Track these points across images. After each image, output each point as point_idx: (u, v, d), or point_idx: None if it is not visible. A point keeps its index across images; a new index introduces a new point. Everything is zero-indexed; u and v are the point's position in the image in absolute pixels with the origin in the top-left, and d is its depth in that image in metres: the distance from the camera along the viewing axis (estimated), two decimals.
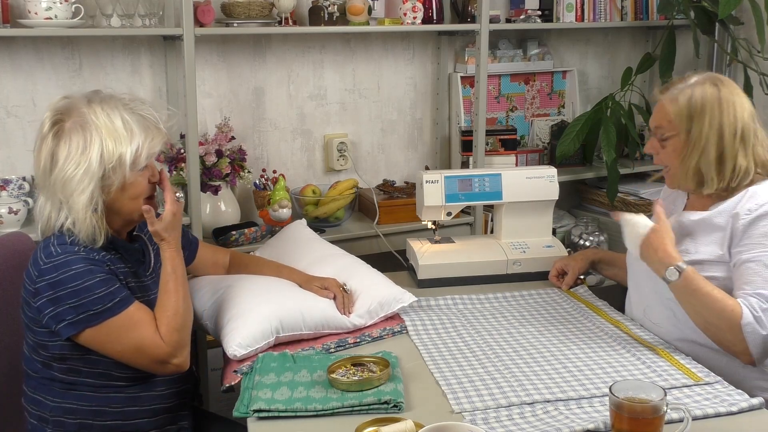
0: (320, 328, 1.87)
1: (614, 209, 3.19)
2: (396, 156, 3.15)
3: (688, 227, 1.85)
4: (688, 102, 1.80)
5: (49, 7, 2.27)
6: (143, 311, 1.65)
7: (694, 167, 1.81)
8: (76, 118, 1.63)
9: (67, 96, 1.70)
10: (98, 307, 1.58)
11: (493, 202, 2.35)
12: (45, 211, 1.66)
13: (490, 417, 1.49)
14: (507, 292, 2.17)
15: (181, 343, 1.66)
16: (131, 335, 1.61)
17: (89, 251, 1.63)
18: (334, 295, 1.93)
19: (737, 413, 1.51)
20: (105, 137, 1.61)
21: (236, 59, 2.80)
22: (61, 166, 1.61)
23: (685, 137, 1.81)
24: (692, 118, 1.80)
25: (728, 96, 1.81)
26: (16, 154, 2.52)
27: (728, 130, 1.79)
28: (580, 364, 1.71)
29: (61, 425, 1.68)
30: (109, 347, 1.62)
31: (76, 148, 1.61)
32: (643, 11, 3.34)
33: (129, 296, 1.64)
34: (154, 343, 1.62)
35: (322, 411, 1.51)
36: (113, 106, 1.65)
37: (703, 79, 1.84)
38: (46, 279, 1.59)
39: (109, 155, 1.61)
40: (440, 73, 3.15)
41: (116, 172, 1.62)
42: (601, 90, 3.47)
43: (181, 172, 2.57)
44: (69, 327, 1.58)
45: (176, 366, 1.66)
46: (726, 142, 1.79)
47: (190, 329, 1.71)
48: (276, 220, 2.61)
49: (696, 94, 1.81)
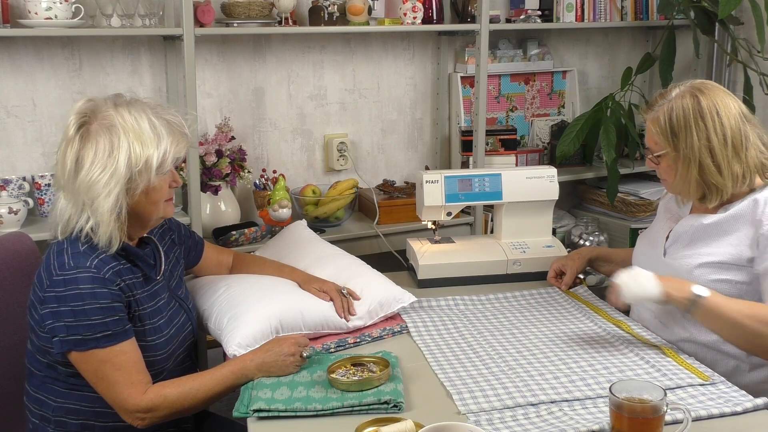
0: (320, 328, 1.87)
1: (614, 209, 3.20)
2: (396, 156, 3.15)
3: (701, 230, 1.84)
4: (669, 120, 1.79)
5: (49, 7, 2.27)
6: (131, 354, 1.60)
7: (695, 180, 1.79)
8: (102, 121, 1.61)
9: (92, 98, 1.68)
10: (88, 334, 1.56)
11: (493, 202, 2.35)
12: (66, 213, 1.64)
13: (495, 418, 1.49)
14: (507, 292, 2.17)
15: (159, 414, 1.61)
16: (109, 372, 1.58)
17: (101, 264, 1.60)
18: (330, 298, 1.93)
19: (742, 413, 1.50)
20: (132, 140, 1.60)
21: (236, 59, 2.79)
22: (88, 169, 1.59)
23: (674, 154, 1.80)
24: (676, 134, 1.78)
25: (710, 105, 1.77)
26: (16, 154, 2.52)
27: (716, 141, 1.76)
28: (583, 364, 1.71)
29: (63, 425, 1.68)
30: (87, 375, 1.61)
31: (103, 151, 1.59)
32: (643, 11, 3.34)
33: (123, 332, 1.60)
34: (130, 391, 1.58)
35: (322, 411, 1.51)
36: (140, 109, 1.64)
37: (683, 91, 1.81)
38: (54, 291, 1.58)
39: (137, 159, 1.59)
40: (440, 73, 3.14)
41: (142, 175, 1.61)
42: (601, 90, 3.47)
43: (181, 172, 2.57)
44: (58, 344, 1.58)
45: (137, 420, 1.60)
46: (717, 152, 1.76)
47: (178, 414, 1.65)
48: (276, 220, 2.61)
49: (675, 109, 1.79)
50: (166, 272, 1.82)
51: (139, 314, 1.67)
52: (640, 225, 3.12)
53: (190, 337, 1.84)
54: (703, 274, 1.79)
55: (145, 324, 1.68)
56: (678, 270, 1.83)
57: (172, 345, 1.75)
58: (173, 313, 1.79)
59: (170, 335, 1.74)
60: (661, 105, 1.82)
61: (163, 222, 1.89)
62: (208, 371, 1.68)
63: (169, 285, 1.83)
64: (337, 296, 1.93)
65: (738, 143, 1.77)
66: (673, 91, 1.84)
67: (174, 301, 1.82)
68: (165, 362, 1.72)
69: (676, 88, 1.84)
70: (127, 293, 1.64)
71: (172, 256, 1.88)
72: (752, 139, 1.79)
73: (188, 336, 1.83)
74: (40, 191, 2.49)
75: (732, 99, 1.81)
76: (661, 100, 1.84)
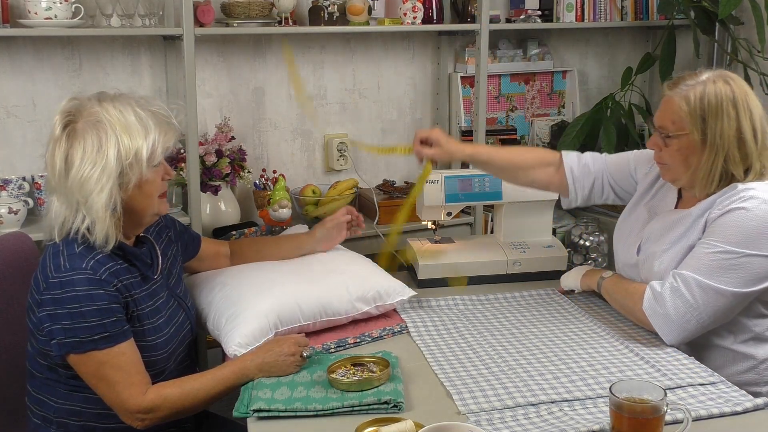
0: (318, 317, 1.87)
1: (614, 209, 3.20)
2: (396, 156, 3.15)
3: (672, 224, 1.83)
4: (700, 101, 1.71)
5: (49, 7, 2.27)
6: (130, 355, 1.60)
7: (720, 168, 1.74)
8: (88, 118, 1.61)
9: (75, 97, 1.67)
10: (86, 336, 1.56)
11: (493, 202, 2.35)
12: (60, 215, 1.62)
13: (495, 418, 1.49)
14: (507, 292, 2.16)
15: (159, 415, 1.60)
16: (108, 374, 1.58)
17: (97, 266, 1.60)
18: (349, 217, 2.15)
19: (742, 413, 1.50)
20: (120, 133, 1.59)
21: (236, 59, 2.79)
22: (78, 166, 1.58)
23: (698, 139, 1.73)
24: (705, 119, 1.71)
25: (742, 96, 1.73)
26: (16, 154, 2.52)
27: (747, 132, 1.72)
28: (584, 364, 1.71)
29: (65, 427, 1.68)
30: (86, 376, 1.61)
31: (92, 147, 1.58)
32: (643, 11, 3.34)
33: (122, 333, 1.60)
34: (130, 392, 1.58)
35: (322, 411, 1.51)
36: (125, 103, 1.64)
37: (715, 76, 1.74)
38: (50, 293, 1.57)
39: (126, 151, 1.59)
40: (440, 73, 3.14)
41: (133, 168, 1.60)
42: (601, 90, 3.47)
43: (181, 172, 2.57)
44: (57, 346, 1.58)
45: (137, 421, 1.60)
46: (747, 143, 1.72)
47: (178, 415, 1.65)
48: (276, 220, 2.61)
49: (709, 92, 1.71)
50: (164, 270, 1.81)
51: (137, 314, 1.67)
52: None
53: (189, 336, 1.84)
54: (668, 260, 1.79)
55: (144, 324, 1.68)
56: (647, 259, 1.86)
57: (173, 344, 1.75)
58: (172, 312, 1.79)
59: (170, 334, 1.74)
60: (692, 85, 1.73)
61: (159, 219, 1.88)
62: (208, 371, 1.68)
63: (168, 283, 1.82)
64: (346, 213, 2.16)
65: (764, 138, 1.74)
66: (704, 74, 1.76)
67: (173, 300, 1.82)
68: (166, 362, 1.72)
69: (706, 72, 1.76)
70: (124, 294, 1.63)
71: (170, 254, 1.88)
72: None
73: (187, 334, 1.83)
74: (40, 191, 2.49)
75: (756, 97, 1.77)
76: (690, 79, 1.75)
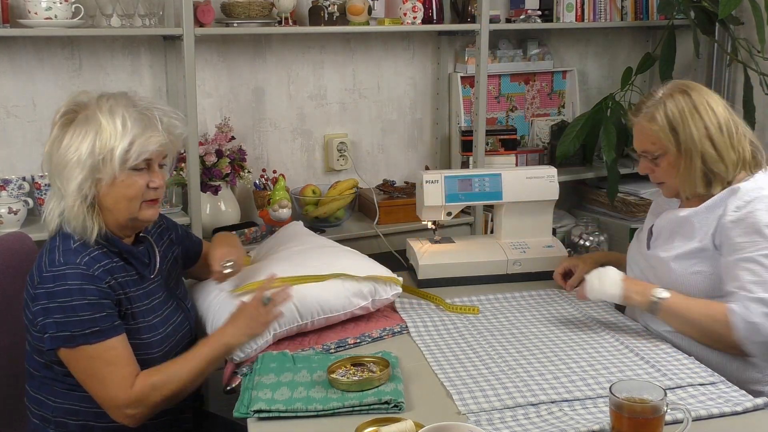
0: (315, 315, 1.86)
1: (614, 209, 3.20)
2: (396, 156, 3.15)
3: (678, 224, 1.86)
4: (665, 116, 1.82)
5: (49, 7, 2.27)
6: (120, 350, 1.61)
7: (701, 171, 1.81)
8: (86, 112, 1.65)
9: (86, 92, 1.72)
10: (77, 330, 1.57)
11: (493, 202, 2.35)
12: (50, 202, 1.68)
13: (495, 418, 1.49)
14: (507, 292, 2.16)
15: (149, 404, 1.61)
16: (98, 369, 1.59)
17: (92, 262, 1.61)
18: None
19: (742, 413, 1.50)
20: (101, 129, 1.62)
21: (236, 59, 2.79)
22: (60, 153, 1.63)
23: (675, 150, 1.82)
24: (675, 129, 1.81)
25: (700, 99, 1.83)
26: (16, 154, 2.52)
27: (714, 129, 1.80)
28: (584, 364, 1.71)
29: (63, 426, 1.68)
30: (76, 372, 1.61)
31: (76, 137, 1.63)
32: (643, 11, 3.34)
33: (113, 328, 1.60)
34: (119, 386, 1.59)
35: (323, 411, 1.51)
36: (119, 103, 1.66)
37: (670, 90, 1.86)
38: (44, 287, 1.59)
39: (101, 147, 1.62)
40: (440, 73, 3.14)
41: (106, 165, 1.62)
42: (601, 90, 3.47)
43: (181, 172, 2.57)
44: (48, 340, 1.59)
45: (127, 417, 1.60)
46: (716, 140, 1.80)
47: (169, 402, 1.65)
48: (276, 220, 2.61)
49: (669, 106, 1.82)
50: (163, 271, 1.81)
51: (132, 312, 1.67)
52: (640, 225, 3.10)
53: (188, 336, 1.84)
54: (680, 267, 1.83)
55: (138, 322, 1.68)
56: (658, 264, 1.87)
57: (168, 343, 1.75)
58: (170, 313, 1.79)
59: (166, 334, 1.74)
60: (652, 106, 1.85)
61: (161, 221, 1.88)
62: (188, 352, 1.70)
63: (167, 284, 1.82)
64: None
65: (731, 130, 1.82)
66: (658, 92, 1.87)
67: (172, 301, 1.82)
68: (161, 360, 1.72)
69: (661, 90, 1.88)
70: (117, 291, 1.64)
71: (170, 255, 1.88)
72: (740, 129, 1.85)
73: (186, 335, 1.83)
74: (40, 191, 2.49)
75: (715, 94, 1.86)
76: (648, 101, 1.87)
